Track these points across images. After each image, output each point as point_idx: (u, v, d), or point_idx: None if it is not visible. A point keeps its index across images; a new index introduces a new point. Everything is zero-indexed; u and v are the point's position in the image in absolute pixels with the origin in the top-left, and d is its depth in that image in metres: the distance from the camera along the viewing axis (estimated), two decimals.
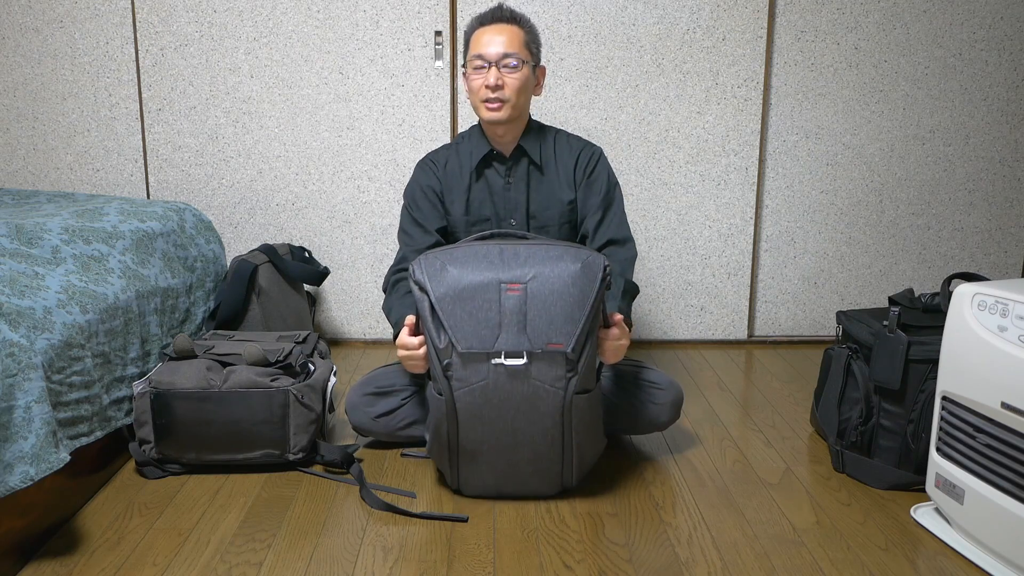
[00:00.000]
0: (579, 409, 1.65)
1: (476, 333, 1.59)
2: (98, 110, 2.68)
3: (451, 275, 1.60)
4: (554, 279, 1.59)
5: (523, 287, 1.59)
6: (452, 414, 1.65)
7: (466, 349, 1.59)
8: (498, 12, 1.93)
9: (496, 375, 1.60)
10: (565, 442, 1.68)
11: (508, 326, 1.59)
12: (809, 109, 2.73)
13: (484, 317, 1.59)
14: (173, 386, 1.80)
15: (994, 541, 1.49)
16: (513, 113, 1.92)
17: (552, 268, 1.60)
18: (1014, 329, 1.45)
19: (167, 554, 1.54)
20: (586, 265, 1.61)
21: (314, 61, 2.65)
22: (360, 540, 1.60)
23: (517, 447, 1.66)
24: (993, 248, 2.86)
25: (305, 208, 2.74)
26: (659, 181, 2.74)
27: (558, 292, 1.59)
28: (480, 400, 1.62)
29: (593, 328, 1.64)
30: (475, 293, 1.59)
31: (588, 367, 1.65)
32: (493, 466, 1.69)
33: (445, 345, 1.61)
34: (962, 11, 2.69)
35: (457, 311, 1.59)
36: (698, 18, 2.64)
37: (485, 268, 1.61)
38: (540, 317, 1.59)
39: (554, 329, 1.59)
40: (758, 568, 1.52)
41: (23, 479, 1.41)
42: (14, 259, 1.70)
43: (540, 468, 1.70)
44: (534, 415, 1.63)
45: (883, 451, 1.83)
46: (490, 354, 1.59)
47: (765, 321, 2.88)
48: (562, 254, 1.63)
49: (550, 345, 1.59)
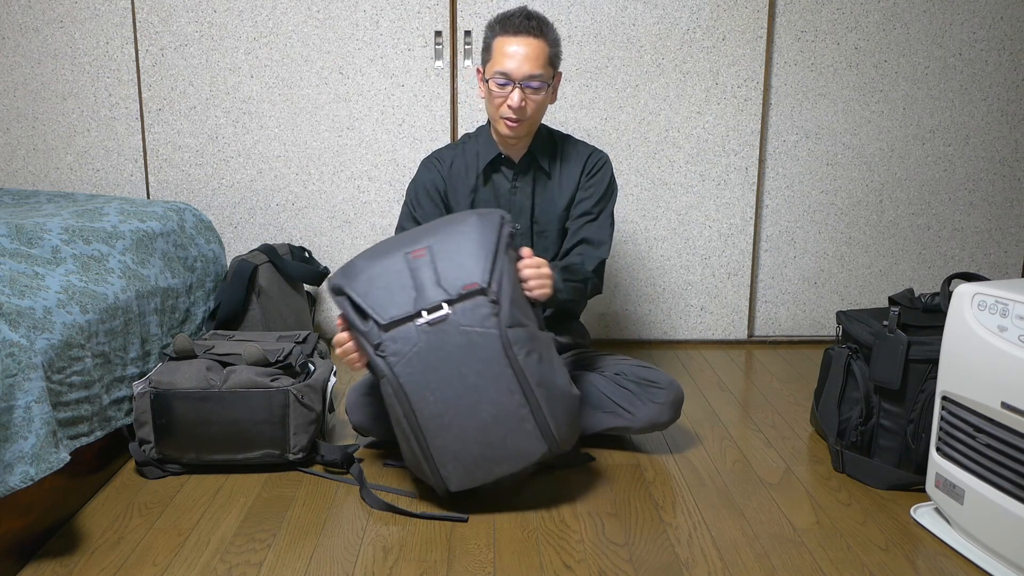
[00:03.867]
0: (521, 344, 1.60)
1: (394, 302, 1.62)
2: (98, 110, 2.69)
3: (360, 266, 1.67)
4: (454, 233, 1.66)
5: (427, 248, 1.65)
6: (400, 392, 1.61)
7: (389, 319, 1.60)
8: (525, 23, 1.86)
9: (426, 336, 1.59)
10: (523, 385, 1.61)
11: (422, 286, 1.62)
12: (809, 109, 2.73)
13: (398, 285, 1.63)
14: (173, 386, 1.80)
15: (994, 541, 1.49)
16: (530, 129, 1.93)
17: (449, 226, 1.68)
18: (1014, 329, 1.45)
19: (167, 554, 1.54)
20: (480, 215, 1.69)
21: (314, 61, 2.65)
22: (360, 540, 1.60)
23: (477, 406, 1.60)
24: (993, 248, 2.86)
25: (305, 208, 2.75)
26: (659, 181, 2.74)
27: (460, 241, 1.65)
28: (420, 367, 1.60)
29: (506, 266, 1.64)
30: (384, 270, 1.65)
31: (514, 303, 1.62)
32: (463, 438, 1.61)
33: (370, 328, 1.62)
34: (962, 11, 2.69)
35: (372, 291, 1.63)
36: (698, 18, 2.64)
37: (390, 249, 1.68)
38: (449, 267, 1.62)
39: (465, 272, 1.62)
40: (758, 568, 1.52)
41: (23, 479, 1.41)
42: (14, 259, 1.70)
43: (511, 425, 1.62)
44: (479, 364, 1.59)
45: (883, 451, 1.83)
46: (412, 316, 1.60)
47: (765, 321, 2.88)
48: (457, 217, 1.71)
49: (465, 287, 1.60)
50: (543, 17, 1.90)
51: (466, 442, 1.62)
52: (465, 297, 1.60)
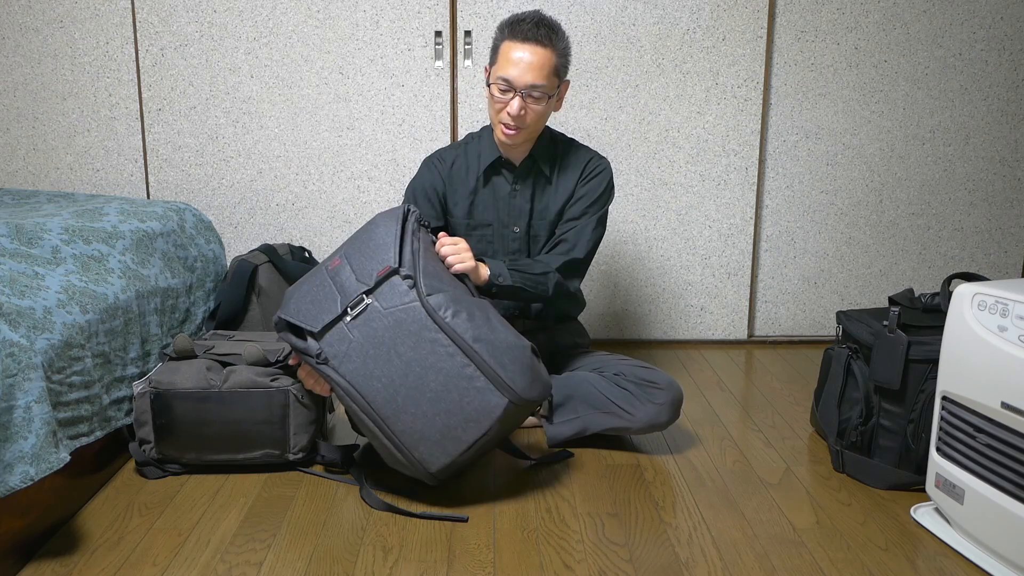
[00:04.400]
0: (445, 306, 1.61)
1: (322, 310, 1.67)
2: (98, 110, 2.69)
3: (289, 294, 1.75)
4: (363, 235, 1.74)
5: (342, 256, 1.73)
6: (352, 389, 1.63)
7: (321, 326, 1.65)
8: (534, 31, 1.83)
9: (356, 330, 1.64)
10: (460, 344, 1.60)
11: (343, 288, 1.67)
12: (809, 109, 2.73)
13: (323, 295, 1.69)
14: (173, 386, 1.80)
15: (994, 541, 1.49)
16: (528, 137, 1.92)
17: (360, 233, 1.75)
18: (1014, 329, 1.45)
19: (167, 554, 1.54)
20: (385, 212, 1.76)
21: (314, 61, 2.65)
22: (360, 540, 1.60)
23: (423, 379, 1.60)
24: (993, 248, 2.86)
25: (305, 208, 2.75)
26: (659, 181, 2.74)
27: (368, 239, 1.71)
28: (360, 359, 1.63)
29: (416, 247, 1.69)
30: (309, 287, 1.72)
31: (429, 273, 1.66)
32: (421, 415, 1.61)
33: (309, 342, 1.67)
34: (962, 11, 2.69)
35: (302, 308, 1.69)
36: (698, 18, 2.64)
37: (312, 271, 1.76)
38: (363, 263, 1.68)
39: (376, 260, 1.67)
40: (758, 568, 1.52)
41: (23, 479, 1.41)
42: (14, 259, 1.70)
43: (463, 387, 1.60)
44: (410, 339, 1.61)
45: (883, 451, 1.83)
46: (340, 317, 1.65)
47: (765, 321, 2.88)
48: (365, 224, 1.77)
49: (379, 273, 1.65)
50: (554, 25, 1.86)
51: (426, 417, 1.62)
52: (381, 282, 1.65)
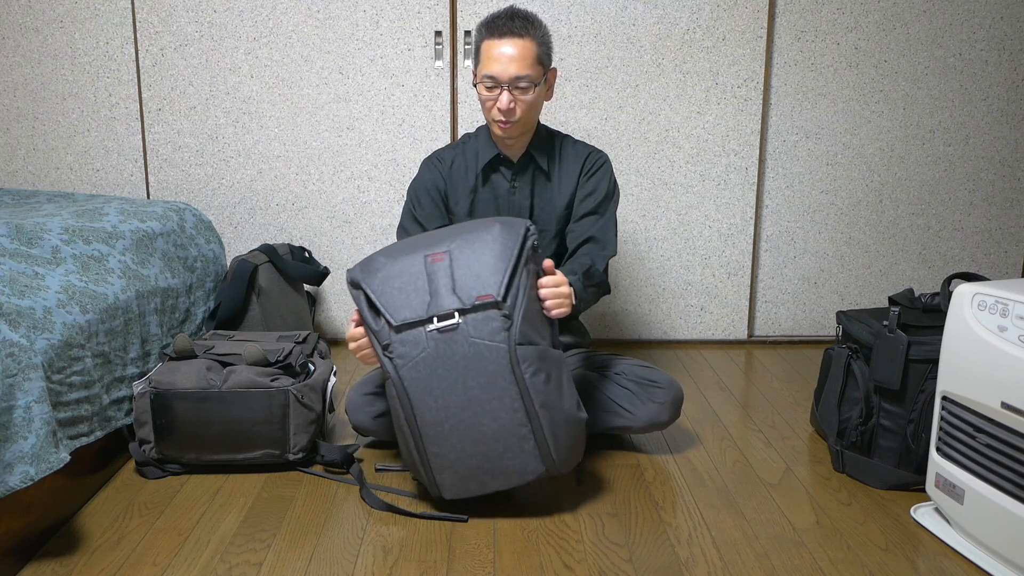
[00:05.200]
0: (528, 361, 1.58)
1: (408, 304, 1.60)
2: (98, 110, 2.69)
3: (379, 262, 1.65)
4: (475, 240, 1.63)
5: (446, 252, 1.63)
6: (404, 395, 1.61)
7: (400, 321, 1.59)
8: (509, 24, 1.84)
9: (434, 343, 1.58)
10: (527, 405, 1.59)
11: (437, 291, 1.60)
12: (809, 109, 2.73)
13: (413, 288, 1.61)
14: (173, 386, 1.80)
15: (994, 541, 1.49)
16: (524, 129, 1.92)
17: (472, 233, 1.65)
18: (1014, 329, 1.45)
19: (167, 554, 1.54)
20: (505, 223, 1.65)
21: (314, 61, 2.65)
22: (360, 540, 1.60)
23: (478, 419, 1.59)
24: (993, 248, 2.86)
25: (305, 208, 2.75)
26: (659, 181, 2.74)
27: (480, 249, 1.62)
28: (425, 373, 1.59)
29: (524, 280, 1.62)
30: (402, 270, 1.63)
31: (527, 318, 1.60)
32: (461, 449, 1.60)
33: (382, 327, 1.62)
34: (962, 11, 2.69)
35: (388, 290, 1.62)
36: (698, 18, 2.64)
37: (411, 249, 1.66)
38: (466, 275, 1.60)
39: (481, 282, 1.59)
40: (758, 568, 1.52)
41: (23, 479, 1.41)
42: (14, 259, 1.70)
43: (510, 443, 1.60)
44: (483, 378, 1.58)
45: (883, 451, 1.83)
46: (424, 321, 1.59)
47: (765, 321, 2.88)
48: (481, 223, 1.68)
49: (479, 298, 1.58)
50: (529, 15, 1.87)
51: (464, 453, 1.61)
52: (478, 308, 1.58)
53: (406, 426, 1.62)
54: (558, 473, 1.65)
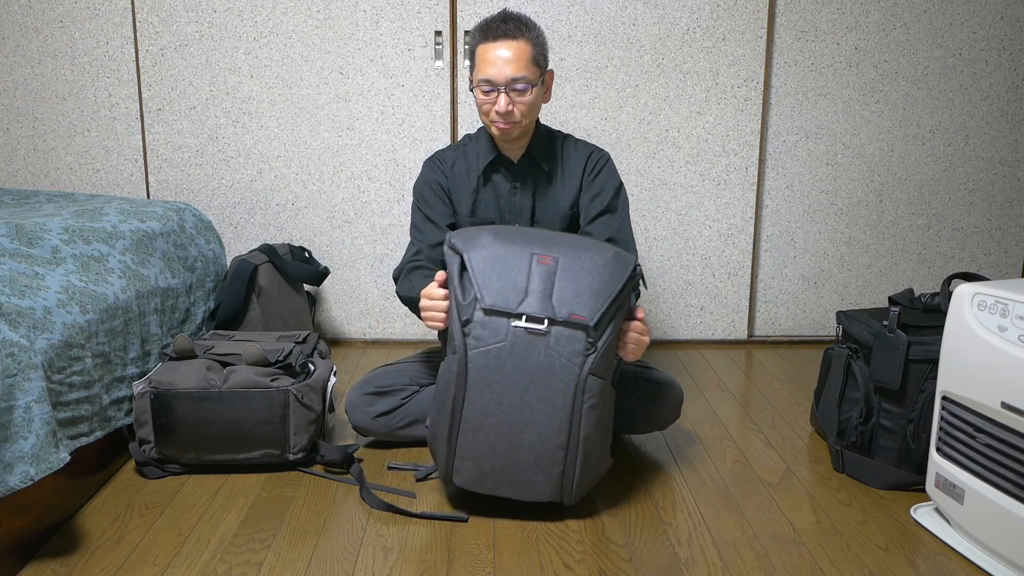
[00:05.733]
0: (592, 393, 1.59)
1: (502, 292, 1.59)
2: (98, 110, 2.69)
3: (486, 239, 1.64)
4: (586, 258, 1.62)
5: (555, 259, 1.62)
6: (463, 376, 1.60)
7: (491, 305, 1.58)
8: (503, 27, 1.84)
9: (515, 338, 1.58)
10: (572, 432, 1.61)
11: (534, 291, 1.59)
12: (809, 109, 2.73)
13: (512, 279, 1.60)
14: (173, 386, 1.80)
15: (994, 541, 1.49)
16: (523, 130, 1.92)
17: (585, 250, 1.64)
18: (1014, 329, 1.45)
19: (167, 554, 1.54)
20: (618, 255, 1.65)
21: (314, 61, 2.65)
22: (360, 540, 1.60)
23: (523, 426, 1.59)
24: (993, 248, 2.86)
25: (305, 208, 2.75)
26: (659, 181, 2.74)
27: (588, 270, 1.61)
28: (494, 363, 1.58)
29: (618, 315, 1.62)
30: (507, 257, 1.62)
31: (607, 352, 1.60)
32: (493, 447, 1.61)
33: (470, 301, 1.60)
34: (962, 11, 2.69)
35: (487, 269, 1.61)
36: (698, 18, 2.64)
37: (520, 240, 1.65)
38: (567, 288, 1.59)
39: (579, 301, 1.59)
40: (758, 568, 1.52)
41: (23, 479, 1.41)
42: (14, 259, 1.70)
43: (541, 460, 1.61)
44: (546, 390, 1.58)
45: (883, 451, 1.83)
46: (512, 315, 1.58)
47: (765, 321, 2.88)
48: (596, 244, 1.67)
49: (573, 316, 1.58)
50: (522, 17, 1.87)
51: (494, 452, 1.62)
52: (568, 324, 1.58)
53: (449, 405, 1.62)
54: (565, 503, 1.67)
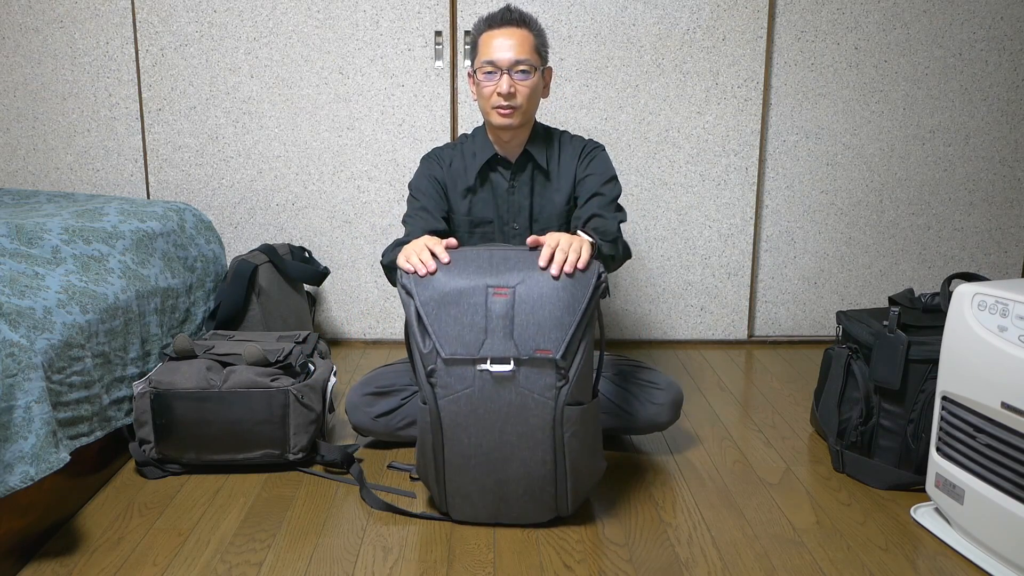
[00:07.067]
0: (572, 422, 1.55)
1: (460, 338, 1.52)
2: (98, 110, 2.68)
3: (437, 279, 1.55)
4: (543, 283, 1.53)
5: (511, 291, 1.53)
6: (436, 424, 1.56)
7: (450, 355, 1.52)
8: (507, 15, 1.89)
9: (482, 382, 1.52)
10: (557, 460, 1.57)
11: (494, 331, 1.52)
12: (809, 109, 2.73)
13: (469, 321, 1.52)
14: (173, 386, 1.80)
15: (994, 541, 1.49)
16: (524, 119, 1.92)
17: (541, 273, 1.55)
18: (1014, 329, 1.45)
19: (167, 554, 1.54)
20: (583, 275, 1.57)
21: (314, 61, 2.65)
22: (360, 540, 1.60)
23: (506, 462, 1.57)
24: (993, 248, 2.86)
25: (305, 208, 2.75)
26: (659, 181, 2.74)
27: (546, 296, 1.53)
28: (465, 409, 1.54)
29: (586, 336, 1.55)
30: (460, 297, 1.53)
31: (582, 377, 1.55)
32: (481, 484, 1.59)
33: (429, 350, 1.54)
34: (962, 11, 2.69)
35: (441, 315, 1.53)
36: (698, 18, 2.64)
37: (473, 272, 1.55)
38: (528, 322, 1.52)
39: (542, 335, 1.52)
40: (758, 568, 1.52)
41: (23, 479, 1.41)
42: (14, 259, 1.70)
43: (532, 489, 1.59)
44: (523, 427, 1.54)
45: (883, 451, 1.83)
46: (475, 360, 1.52)
47: (765, 321, 2.88)
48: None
49: (538, 352, 1.51)
50: (524, 12, 1.93)
51: (483, 489, 1.60)
52: (535, 362, 1.52)
53: (430, 451, 1.60)
54: (565, 514, 1.66)
